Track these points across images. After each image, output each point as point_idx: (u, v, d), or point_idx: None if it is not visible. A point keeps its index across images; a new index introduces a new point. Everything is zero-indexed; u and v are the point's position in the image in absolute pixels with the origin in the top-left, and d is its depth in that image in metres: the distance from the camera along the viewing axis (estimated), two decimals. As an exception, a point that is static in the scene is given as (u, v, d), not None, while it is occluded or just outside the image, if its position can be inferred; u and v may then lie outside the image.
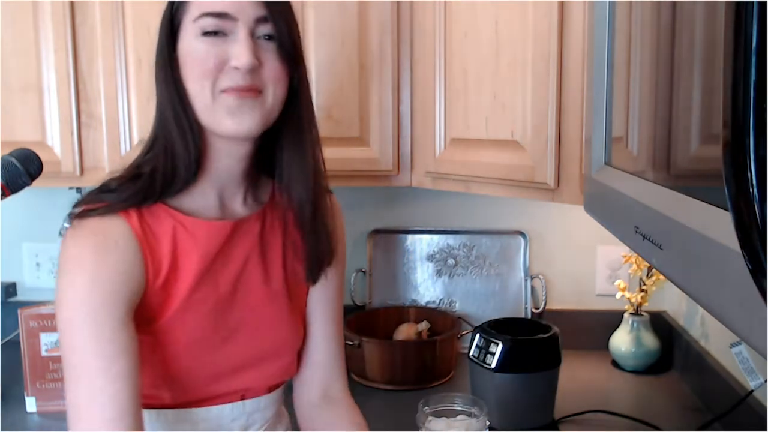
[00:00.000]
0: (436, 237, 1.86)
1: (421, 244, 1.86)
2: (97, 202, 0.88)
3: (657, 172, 0.70)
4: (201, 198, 0.93)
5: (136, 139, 1.53)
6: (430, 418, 1.02)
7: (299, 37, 0.93)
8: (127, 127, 1.53)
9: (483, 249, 1.84)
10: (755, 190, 0.37)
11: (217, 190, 0.94)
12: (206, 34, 0.86)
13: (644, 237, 0.68)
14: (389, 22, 1.48)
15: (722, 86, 0.39)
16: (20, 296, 1.96)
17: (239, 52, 0.85)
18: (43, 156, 1.06)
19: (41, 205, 1.92)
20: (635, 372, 1.68)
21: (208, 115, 0.88)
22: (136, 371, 0.85)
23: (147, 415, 0.92)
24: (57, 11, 1.51)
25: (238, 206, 0.97)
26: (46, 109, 1.54)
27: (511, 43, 1.27)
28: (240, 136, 0.88)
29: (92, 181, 1.60)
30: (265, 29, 0.87)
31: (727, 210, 0.40)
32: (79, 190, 1.86)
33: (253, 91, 0.87)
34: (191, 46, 0.87)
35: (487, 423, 1.03)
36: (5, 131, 1.54)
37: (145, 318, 0.88)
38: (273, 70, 0.88)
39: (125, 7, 1.50)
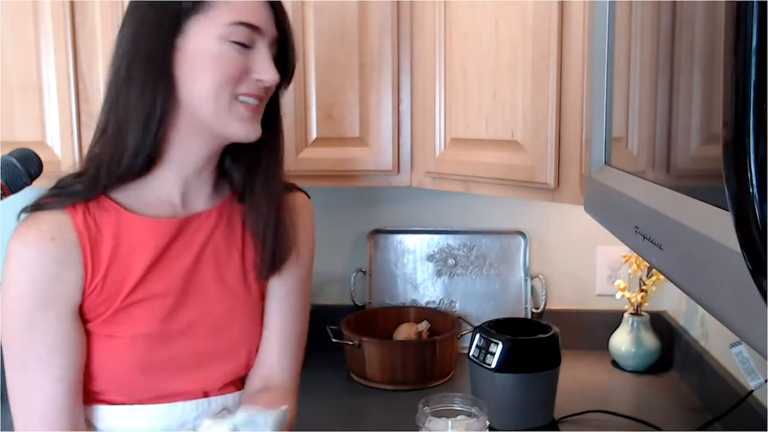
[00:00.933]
0: (436, 237, 1.86)
1: (421, 244, 1.86)
2: (50, 197, 0.89)
3: (657, 172, 0.70)
4: (154, 192, 0.93)
5: (136, 139, 1.53)
6: (430, 418, 1.02)
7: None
8: (127, 127, 1.53)
9: (483, 249, 1.84)
10: (755, 190, 0.37)
11: (181, 185, 0.95)
12: (236, 42, 0.88)
13: (644, 237, 0.68)
14: (389, 22, 1.48)
15: (722, 86, 0.39)
16: (20, 296, 1.95)
17: (266, 68, 0.90)
18: (43, 156, 1.06)
19: (41, 205, 1.92)
20: (635, 372, 1.68)
21: (219, 118, 0.89)
22: (74, 370, 0.88)
23: (106, 411, 0.93)
24: (57, 11, 1.51)
25: (199, 201, 0.97)
26: (46, 109, 1.54)
27: (511, 43, 1.27)
28: (250, 140, 0.92)
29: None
30: (275, 50, 0.93)
31: (727, 210, 0.39)
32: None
33: (262, 102, 0.92)
34: (216, 49, 0.87)
35: (487, 423, 1.03)
36: (5, 131, 1.54)
37: (90, 314, 0.90)
38: (273, 87, 0.94)
39: (125, 7, 1.49)
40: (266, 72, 0.89)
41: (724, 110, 0.39)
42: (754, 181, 0.37)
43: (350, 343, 1.62)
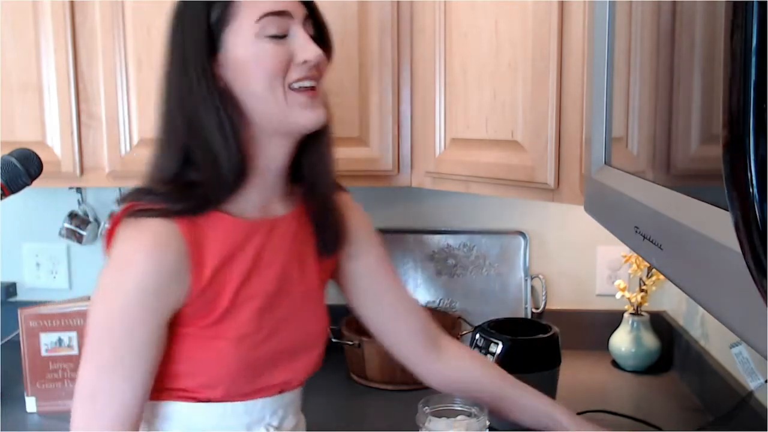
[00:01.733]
0: (436, 237, 1.86)
1: (421, 244, 1.86)
2: (147, 203, 0.89)
3: (657, 172, 0.70)
4: (244, 199, 0.95)
5: (136, 139, 1.53)
6: (430, 418, 1.02)
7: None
8: (127, 127, 1.53)
9: (483, 249, 1.84)
10: (755, 190, 0.37)
11: (261, 190, 0.97)
12: (270, 35, 0.89)
13: (644, 237, 0.68)
14: (389, 22, 1.48)
15: (722, 86, 0.39)
16: (20, 296, 1.96)
17: (305, 46, 0.90)
18: (43, 156, 1.06)
19: (41, 205, 1.92)
20: (635, 372, 1.68)
21: (281, 113, 0.91)
22: (151, 376, 0.90)
23: (193, 409, 0.95)
24: (57, 11, 1.51)
25: (278, 205, 1.00)
26: (46, 109, 1.54)
27: (511, 43, 1.27)
28: (317, 126, 0.93)
29: (92, 181, 1.60)
30: (310, 28, 0.93)
31: (727, 210, 0.39)
32: (79, 190, 1.86)
33: (317, 81, 0.93)
34: (254, 48, 0.89)
35: (487, 423, 1.03)
36: (5, 131, 1.54)
37: (191, 319, 0.91)
38: (323, 65, 0.94)
39: (125, 7, 1.50)
40: (308, 51, 0.90)
41: (724, 110, 0.39)
42: (754, 181, 0.37)
43: (350, 343, 1.62)
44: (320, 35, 0.95)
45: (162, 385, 0.93)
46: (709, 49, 0.55)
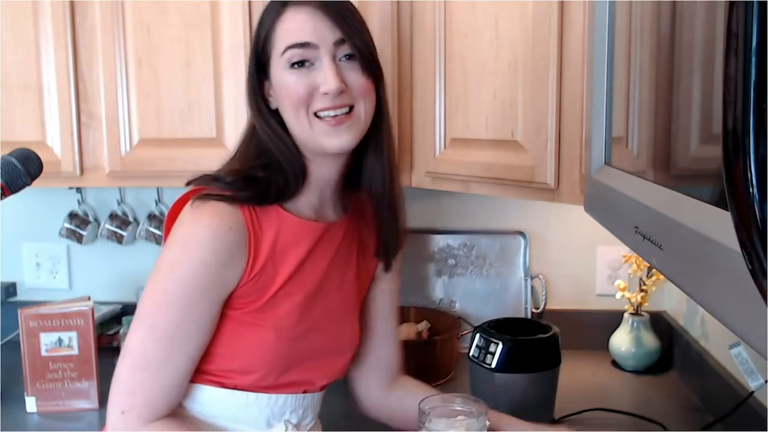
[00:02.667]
0: (436, 237, 1.86)
1: (421, 244, 1.86)
2: (215, 189, 0.95)
3: (657, 172, 0.70)
4: (301, 201, 1.01)
5: (136, 139, 1.53)
6: (430, 418, 1.02)
7: (375, 49, 1.00)
8: (127, 127, 1.53)
9: (483, 249, 1.84)
10: (755, 190, 0.37)
11: (317, 196, 1.03)
12: (294, 65, 0.94)
13: (644, 237, 0.68)
14: (389, 22, 1.48)
15: (722, 86, 0.39)
16: (20, 296, 1.96)
17: (326, 78, 0.94)
18: (43, 156, 1.06)
19: (41, 205, 1.92)
20: (635, 372, 1.68)
21: (307, 138, 0.97)
22: (201, 351, 0.95)
23: (219, 394, 0.99)
24: (57, 11, 1.51)
25: (330, 212, 1.06)
26: (46, 109, 1.54)
27: (511, 43, 1.27)
28: (341, 152, 0.98)
29: (92, 181, 1.60)
30: (345, 50, 0.96)
31: (727, 210, 0.39)
32: (79, 190, 1.86)
33: (345, 108, 0.95)
34: (283, 79, 0.95)
35: (487, 423, 1.03)
36: (5, 131, 1.54)
37: (240, 301, 0.96)
38: (360, 87, 0.97)
39: (125, 7, 1.50)
40: (326, 82, 0.93)
41: (724, 110, 0.39)
42: (754, 181, 0.37)
43: (350, 343, 1.62)
44: (361, 55, 0.96)
45: (207, 368, 0.97)
46: (709, 49, 0.55)
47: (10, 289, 1.95)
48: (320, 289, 1.03)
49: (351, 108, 0.96)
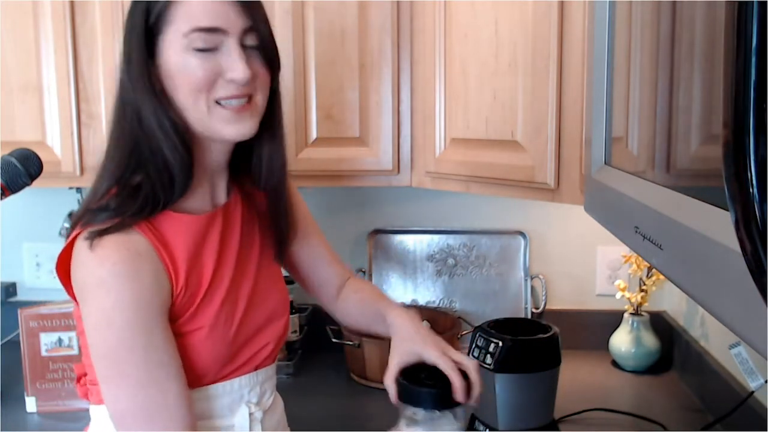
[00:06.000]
0: (436, 237, 1.86)
1: (421, 244, 1.86)
2: (102, 222, 0.88)
3: (657, 172, 0.70)
4: (195, 195, 0.97)
5: (136, 139, 1.53)
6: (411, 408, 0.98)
7: (274, 38, 0.97)
8: (127, 127, 1.53)
9: (483, 249, 1.84)
10: (755, 190, 0.37)
11: (208, 184, 1.00)
12: (197, 50, 0.88)
13: (644, 237, 0.68)
14: (389, 22, 1.48)
15: (722, 86, 0.39)
16: (20, 296, 1.96)
17: (235, 66, 0.89)
18: (43, 156, 1.06)
19: (41, 205, 1.92)
20: (635, 372, 1.68)
21: (204, 125, 0.92)
22: (182, 368, 0.91)
23: None
24: (57, 11, 1.51)
25: (222, 194, 1.03)
26: (46, 109, 1.54)
27: (511, 43, 1.27)
28: (242, 139, 0.94)
29: (92, 182, 1.60)
30: (252, 39, 0.91)
31: (727, 210, 0.39)
32: (79, 190, 1.86)
33: (246, 98, 0.92)
34: (182, 60, 0.89)
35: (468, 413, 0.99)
36: (5, 131, 1.54)
37: (178, 314, 0.93)
38: (262, 77, 0.93)
39: (125, 7, 1.49)
40: (235, 70, 0.88)
41: (724, 110, 0.39)
42: (754, 181, 0.37)
43: (350, 343, 1.62)
44: (264, 46, 0.93)
45: None
46: (709, 49, 0.55)
47: (10, 289, 1.95)
48: (241, 270, 1.01)
49: (251, 97, 0.92)
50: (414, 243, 1.86)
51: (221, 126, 0.91)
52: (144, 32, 0.89)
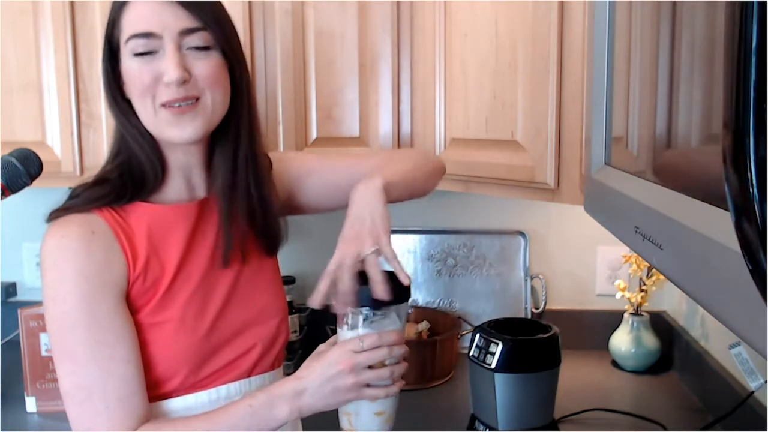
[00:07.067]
0: (436, 237, 1.86)
1: (421, 244, 1.86)
2: (64, 205, 0.93)
3: (657, 172, 0.70)
4: (167, 190, 0.99)
5: (136, 139, 1.53)
6: (350, 314, 0.93)
7: (235, 36, 0.97)
8: (127, 127, 1.53)
9: (483, 249, 1.84)
10: (755, 190, 0.37)
11: (182, 181, 1.00)
12: (137, 54, 0.91)
13: (644, 237, 0.68)
14: (389, 22, 1.48)
15: (722, 86, 0.39)
16: (20, 296, 1.96)
17: (166, 67, 0.90)
18: (43, 156, 1.06)
19: (41, 205, 1.91)
20: (635, 372, 1.68)
21: (152, 127, 0.94)
22: (137, 354, 0.91)
23: (158, 408, 0.94)
24: (57, 11, 1.51)
25: (201, 189, 1.02)
26: (46, 109, 1.54)
27: (511, 43, 1.27)
28: (184, 143, 0.94)
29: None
30: (193, 40, 0.92)
31: (727, 210, 0.39)
32: (79, 190, 1.86)
33: (190, 100, 0.92)
34: (128, 66, 0.92)
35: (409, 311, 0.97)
36: (5, 131, 1.54)
37: (137, 303, 0.93)
38: (208, 77, 0.93)
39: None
40: (167, 72, 0.90)
41: (724, 110, 0.39)
42: (754, 181, 0.37)
43: (350, 343, 1.62)
44: (218, 45, 0.93)
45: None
46: (709, 49, 0.55)
47: (10, 289, 1.95)
48: (216, 268, 0.99)
49: (198, 99, 0.92)
50: (414, 243, 1.86)
51: (165, 128, 0.93)
52: (107, 43, 0.94)
